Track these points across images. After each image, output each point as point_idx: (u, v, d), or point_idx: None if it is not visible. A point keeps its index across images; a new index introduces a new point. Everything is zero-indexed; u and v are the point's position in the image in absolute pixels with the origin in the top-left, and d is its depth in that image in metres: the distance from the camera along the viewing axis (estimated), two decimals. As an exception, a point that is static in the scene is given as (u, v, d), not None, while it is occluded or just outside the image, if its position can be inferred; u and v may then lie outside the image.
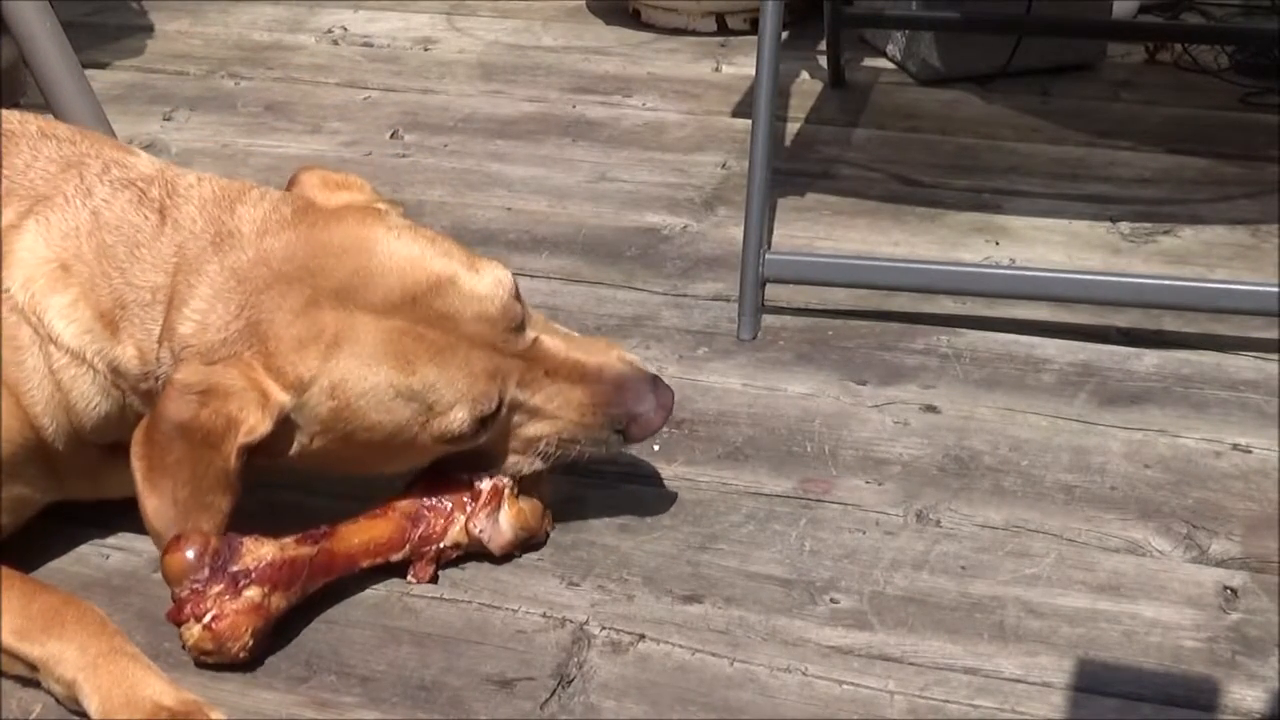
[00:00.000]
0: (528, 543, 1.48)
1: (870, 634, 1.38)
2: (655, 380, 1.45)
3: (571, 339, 1.47)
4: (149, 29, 3.32)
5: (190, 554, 1.32)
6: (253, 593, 1.32)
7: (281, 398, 1.33)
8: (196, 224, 1.39)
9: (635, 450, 1.67)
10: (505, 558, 1.47)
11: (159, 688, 1.28)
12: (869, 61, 3.01)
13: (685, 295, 2.05)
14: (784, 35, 2.70)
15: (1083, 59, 2.94)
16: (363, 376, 1.34)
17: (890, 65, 2.98)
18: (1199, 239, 2.19)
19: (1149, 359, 1.86)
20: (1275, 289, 1.81)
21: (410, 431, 1.36)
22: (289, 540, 1.37)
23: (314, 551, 1.37)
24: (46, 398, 1.37)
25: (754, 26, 3.08)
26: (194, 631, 1.31)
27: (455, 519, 1.43)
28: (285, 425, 1.34)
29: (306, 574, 1.37)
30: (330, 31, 3.30)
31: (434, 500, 1.43)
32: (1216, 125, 2.64)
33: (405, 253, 1.38)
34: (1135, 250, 2.16)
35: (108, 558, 1.51)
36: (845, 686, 1.32)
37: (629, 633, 1.39)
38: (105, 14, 3.42)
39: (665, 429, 1.70)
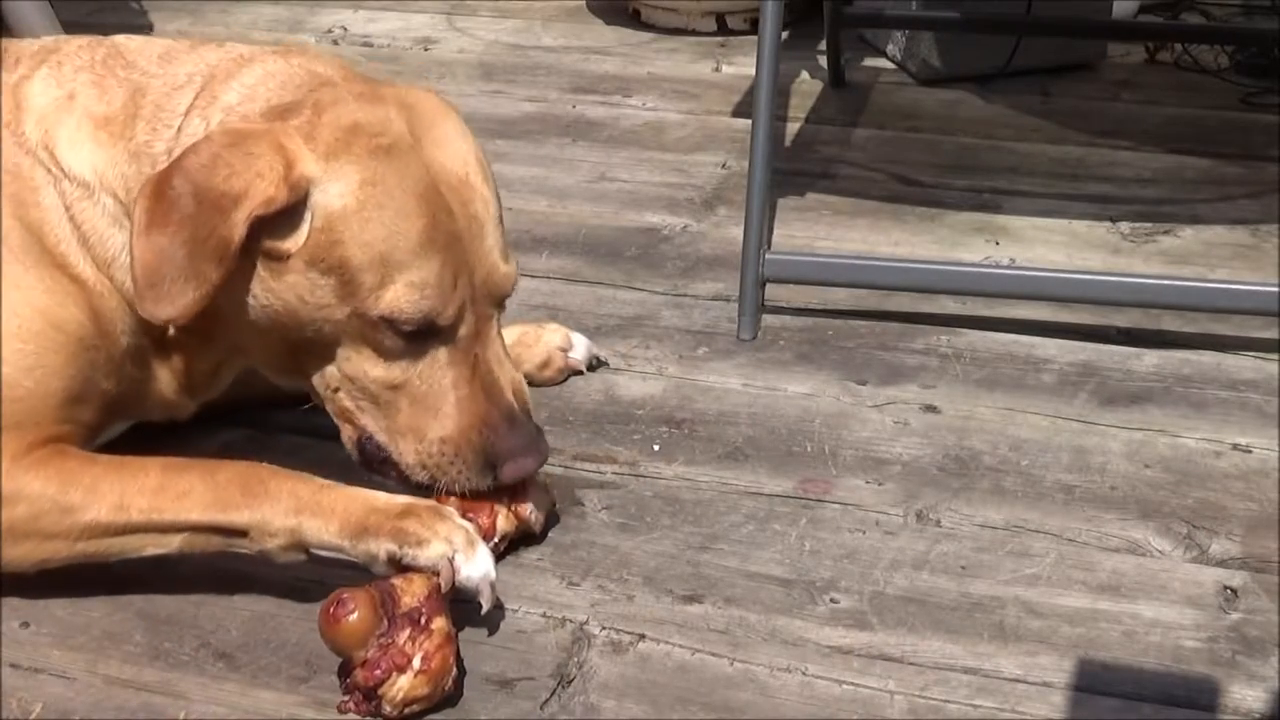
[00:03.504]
0: (529, 532, 1.47)
1: (870, 634, 1.38)
2: (539, 432, 1.41)
3: (504, 357, 1.41)
4: (149, 29, 3.32)
5: (361, 612, 1.24)
6: (439, 623, 1.26)
7: (310, 169, 1.29)
8: (254, 47, 1.41)
9: (635, 450, 1.67)
10: (503, 556, 1.46)
11: (386, 495, 1.34)
12: (869, 61, 3.01)
13: (685, 295, 2.05)
14: (784, 35, 2.70)
15: (1083, 59, 2.94)
16: (391, 193, 1.31)
17: (890, 65, 2.98)
18: (1199, 239, 2.19)
19: (1149, 359, 1.86)
20: (1275, 289, 1.81)
21: (371, 280, 1.31)
22: (406, 573, 1.31)
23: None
24: (67, 236, 1.38)
25: (754, 26, 3.08)
26: (403, 683, 1.24)
27: (498, 510, 1.41)
28: (300, 208, 1.30)
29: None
30: (330, 31, 3.30)
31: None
32: (1216, 125, 2.64)
33: (475, 152, 1.41)
34: (1135, 250, 2.16)
35: (108, 558, 1.50)
36: (845, 686, 1.32)
37: (629, 633, 1.39)
38: (105, 14, 3.42)
39: (665, 429, 1.71)
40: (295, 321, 1.35)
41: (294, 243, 1.31)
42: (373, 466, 1.42)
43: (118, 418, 1.49)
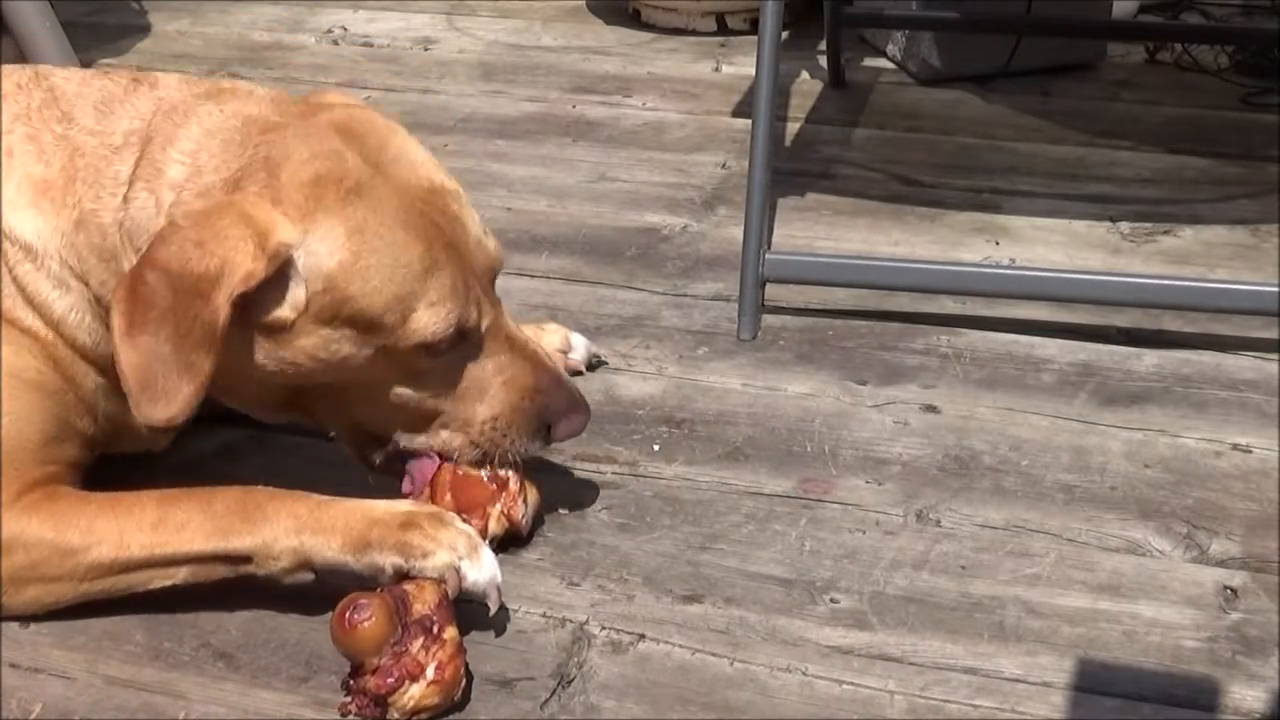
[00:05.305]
0: (517, 534, 1.47)
1: (870, 634, 1.38)
2: (579, 391, 1.44)
3: (524, 329, 1.44)
4: (148, 29, 3.32)
5: (377, 618, 1.23)
6: (451, 633, 1.26)
7: (286, 235, 1.26)
8: (184, 88, 1.37)
9: (635, 450, 1.67)
10: (504, 552, 1.46)
11: (385, 504, 1.33)
12: (869, 61, 3.01)
13: (685, 295, 2.05)
14: (784, 35, 2.70)
15: (1083, 59, 2.94)
16: (380, 233, 1.29)
17: (890, 65, 2.98)
18: (1199, 239, 2.19)
19: (1149, 359, 1.86)
20: (1275, 289, 1.81)
21: (393, 319, 1.30)
22: (417, 580, 1.31)
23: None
24: (12, 293, 1.35)
25: (754, 26, 3.08)
26: (415, 692, 1.24)
27: (490, 513, 1.42)
28: (283, 275, 1.27)
29: None
30: (330, 31, 3.29)
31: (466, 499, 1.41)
32: (1216, 125, 2.64)
33: (425, 155, 1.39)
34: (1135, 250, 2.16)
35: (108, 558, 1.50)
36: (845, 686, 1.32)
37: (629, 633, 1.39)
38: (105, 14, 3.42)
39: (665, 429, 1.71)
40: (313, 374, 1.34)
41: (292, 309, 1.29)
42: (393, 470, 1.43)
43: (101, 451, 1.48)
